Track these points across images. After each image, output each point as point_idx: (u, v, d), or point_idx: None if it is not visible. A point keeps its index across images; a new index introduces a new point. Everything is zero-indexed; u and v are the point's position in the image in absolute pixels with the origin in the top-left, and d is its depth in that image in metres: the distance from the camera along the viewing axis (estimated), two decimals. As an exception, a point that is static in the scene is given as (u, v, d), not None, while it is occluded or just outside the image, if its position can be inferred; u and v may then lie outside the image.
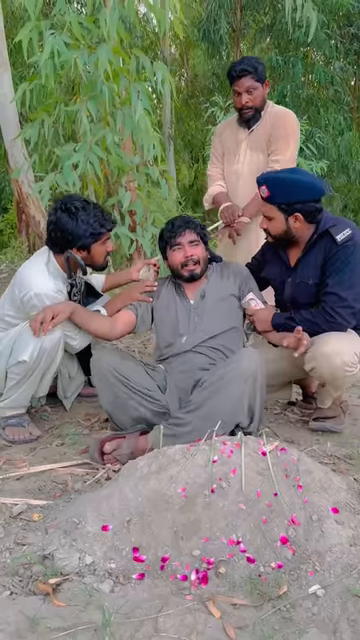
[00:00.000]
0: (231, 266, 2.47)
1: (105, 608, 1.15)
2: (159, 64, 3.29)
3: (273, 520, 1.46)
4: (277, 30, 9.30)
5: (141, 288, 2.42)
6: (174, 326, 2.29)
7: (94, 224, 2.23)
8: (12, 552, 1.43)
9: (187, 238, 2.28)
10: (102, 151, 3.36)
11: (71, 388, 2.65)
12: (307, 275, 2.26)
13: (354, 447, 2.25)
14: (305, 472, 1.61)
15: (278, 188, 2.16)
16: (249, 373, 1.93)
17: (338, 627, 1.20)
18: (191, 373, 2.15)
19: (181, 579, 1.34)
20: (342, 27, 9.24)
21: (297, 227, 2.21)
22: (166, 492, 1.48)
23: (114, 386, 2.04)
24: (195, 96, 12.17)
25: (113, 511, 1.47)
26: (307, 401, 2.77)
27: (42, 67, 3.12)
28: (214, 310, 2.29)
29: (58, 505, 1.67)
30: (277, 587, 1.32)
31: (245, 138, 2.90)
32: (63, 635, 1.11)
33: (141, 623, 1.16)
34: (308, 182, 2.17)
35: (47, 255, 2.33)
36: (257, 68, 2.75)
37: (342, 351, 2.13)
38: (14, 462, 2.07)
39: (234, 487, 1.50)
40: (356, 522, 1.54)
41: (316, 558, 1.40)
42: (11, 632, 1.11)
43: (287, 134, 2.78)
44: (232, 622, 1.19)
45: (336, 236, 2.14)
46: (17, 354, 2.18)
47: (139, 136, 3.34)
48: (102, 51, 3.07)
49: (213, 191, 3.00)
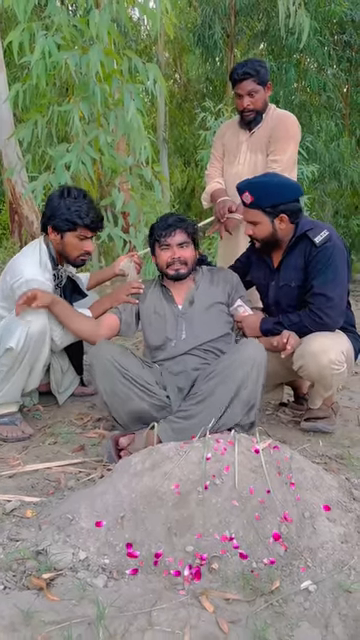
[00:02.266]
0: (221, 272, 2.44)
1: (99, 602, 1.16)
2: (151, 65, 3.31)
3: (266, 517, 1.47)
4: (271, 36, 9.37)
5: (127, 289, 2.38)
6: (162, 331, 2.25)
7: (73, 212, 2.27)
8: (5, 548, 1.43)
9: (177, 239, 2.24)
10: (95, 152, 3.37)
11: (64, 382, 2.65)
12: (289, 277, 2.29)
13: (345, 447, 2.27)
14: (297, 470, 1.63)
15: (261, 192, 2.20)
16: (254, 360, 1.96)
17: (330, 622, 1.21)
18: (186, 373, 2.15)
19: (174, 574, 1.35)
20: (335, 34, 9.34)
21: (282, 228, 2.26)
22: (159, 489, 1.49)
23: (113, 376, 2.00)
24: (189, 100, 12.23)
25: (107, 507, 1.48)
26: (299, 402, 2.78)
27: (33, 68, 3.13)
28: (203, 317, 2.26)
29: (51, 502, 1.68)
30: (269, 582, 1.33)
31: (246, 140, 2.91)
32: (57, 629, 1.11)
33: (135, 617, 1.17)
34: (287, 183, 2.24)
35: (38, 246, 2.38)
36: (259, 71, 2.77)
37: (329, 349, 2.15)
38: (7, 460, 2.07)
39: (227, 484, 1.51)
40: (347, 520, 1.56)
41: (308, 554, 1.42)
42: (5, 625, 1.11)
43: (287, 136, 2.80)
44: (225, 616, 1.20)
45: (314, 238, 2.18)
46: (4, 343, 2.19)
47: (131, 137, 3.35)
48: (93, 52, 3.08)
49: (211, 188, 3.01)
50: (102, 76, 3.25)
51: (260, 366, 1.98)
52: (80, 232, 2.30)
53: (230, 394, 1.94)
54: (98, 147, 3.44)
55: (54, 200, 2.30)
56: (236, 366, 1.96)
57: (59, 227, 2.29)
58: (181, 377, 2.13)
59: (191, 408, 1.98)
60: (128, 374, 2.01)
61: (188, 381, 2.13)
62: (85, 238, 2.33)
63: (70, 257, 2.37)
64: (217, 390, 1.95)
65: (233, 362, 1.98)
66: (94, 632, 1.11)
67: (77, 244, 2.32)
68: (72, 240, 2.31)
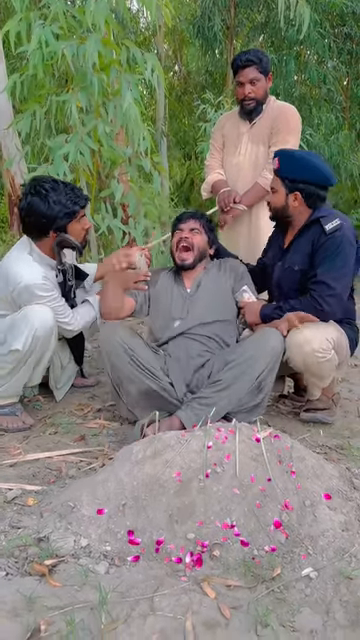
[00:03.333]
0: (229, 261, 2.53)
1: (102, 587, 1.16)
2: (149, 55, 3.29)
3: (267, 505, 1.47)
4: (271, 28, 9.32)
5: (135, 277, 2.42)
6: (167, 311, 2.34)
7: (67, 203, 2.20)
8: (7, 535, 1.43)
9: (189, 225, 2.41)
10: (94, 142, 3.35)
11: (62, 379, 2.65)
12: (294, 261, 2.30)
13: (345, 438, 2.27)
14: (298, 459, 1.63)
15: (287, 162, 2.23)
16: (275, 351, 2.08)
17: (331, 607, 1.22)
18: (188, 360, 2.18)
19: (176, 561, 1.35)
20: (335, 27, 9.28)
21: (294, 206, 2.26)
22: (161, 476, 1.49)
23: (122, 359, 2.07)
24: (188, 93, 12.16)
25: (108, 495, 1.48)
26: (299, 394, 2.78)
27: (30, 58, 3.11)
28: (208, 299, 2.34)
29: (53, 490, 1.68)
30: (271, 569, 1.33)
31: (247, 131, 2.89)
32: (60, 613, 1.11)
33: (137, 602, 1.17)
34: (318, 166, 2.21)
35: (28, 244, 2.28)
36: (262, 59, 2.76)
37: (312, 339, 2.15)
38: (7, 450, 2.06)
39: (228, 472, 1.51)
40: (348, 508, 1.56)
41: (309, 542, 1.42)
42: (8, 610, 1.11)
43: (289, 127, 2.79)
44: (227, 602, 1.21)
45: (325, 226, 2.18)
46: (10, 343, 2.18)
47: (129, 127, 3.34)
48: (91, 42, 3.06)
49: (212, 179, 2.99)
50: (100, 66, 3.24)
51: (278, 356, 2.11)
52: (78, 215, 2.28)
53: (250, 384, 2.05)
54: (97, 138, 3.43)
55: (39, 207, 2.16)
56: (258, 357, 2.06)
57: (62, 226, 2.23)
58: (183, 363, 2.15)
59: (213, 395, 2.03)
60: (135, 356, 2.07)
61: (190, 368, 2.15)
62: (82, 217, 2.32)
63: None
64: (239, 380, 2.04)
65: (256, 352, 2.06)
66: (96, 617, 1.11)
67: (79, 227, 2.31)
68: (75, 227, 2.28)
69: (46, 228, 2.21)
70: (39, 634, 1.05)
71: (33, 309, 2.17)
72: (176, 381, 2.12)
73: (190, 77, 12.52)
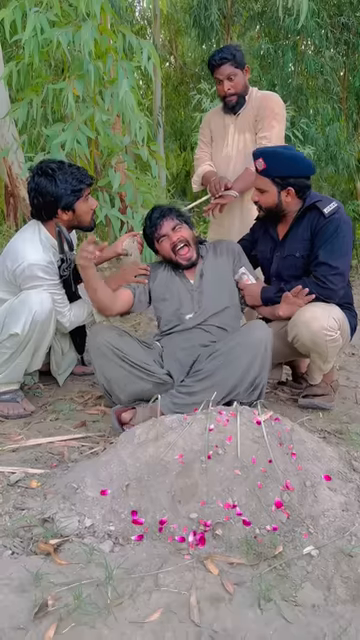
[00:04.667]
0: (223, 243, 2.50)
1: (108, 563, 1.18)
2: (145, 42, 3.28)
3: (268, 485, 1.49)
4: (267, 18, 9.26)
5: (134, 271, 2.41)
6: (176, 306, 2.30)
7: (72, 181, 2.26)
8: (12, 516, 1.45)
9: (168, 227, 2.29)
10: (91, 131, 3.34)
11: (64, 364, 2.66)
12: (295, 248, 2.31)
13: (343, 423, 2.29)
14: (298, 441, 1.65)
15: (274, 161, 2.22)
16: (260, 344, 1.99)
17: (332, 583, 1.24)
18: (191, 350, 2.18)
19: (179, 540, 1.37)
20: (332, 16, 9.21)
21: (288, 201, 2.28)
22: (164, 458, 1.51)
23: (112, 361, 2.05)
24: (185, 83, 12.10)
25: (112, 476, 1.50)
26: (297, 381, 2.80)
27: (25, 45, 3.09)
28: (214, 288, 2.32)
29: (56, 473, 1.69)
30: (272, 548, 1.35)
31: (232, 122, 2.92)
32: (66, 589, 1.13)
33: (142, 579, 1.19)
34: (302, 159, 2.25)
35: (37, 227, 2.33)
36: (235, 55, 2.78)
37: (320, 316, 2.17)
38: (9, 435, 2.08)
39: (230, 454, 1.53)
40: (347, 489, 1.59)
41: (310, 521, 1.44)
42: (15, 587, 1.13)
43: (273, 112, 2.81)
44: (230, 579, 1.23)
45: (323, 209, 2.22)
46: (9, 327, 2.19)
47: (127, 115, 3.33)
48: (86, 29, 3.05)
49: (202, 170, 3.00)
50: (96, 54, 3.22)
51: (266, 350, 2.02)
52: (84, 194, 2.30)
53: (234, 379, 1.98)
54: (94, 126, 3.41)
55: (46, 186, 2.23)
56: (242, 351, 1.99)
57: (69, 204, 2.27)
58: (185, 353, 2.16)
59: (194, 385, 2.02)
60: (127, 357, 2.06)
61: (191, 357, 2.15)
62: (88, 196, 2.34)
63: (85, 223, 2.37)
64: (220, 372, 1.99)
65: (239, 345, 2.01)
66: (102, 593, 1.13)
67: (86, 207, 2.33)
68: (82, 206, 2.31)
69: (54, 207, 2.26)
70: (46, 608, 1.07)
71: (31, 293, 2.19)
72: (174, 370, 2.12)
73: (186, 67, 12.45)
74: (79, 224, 2.37)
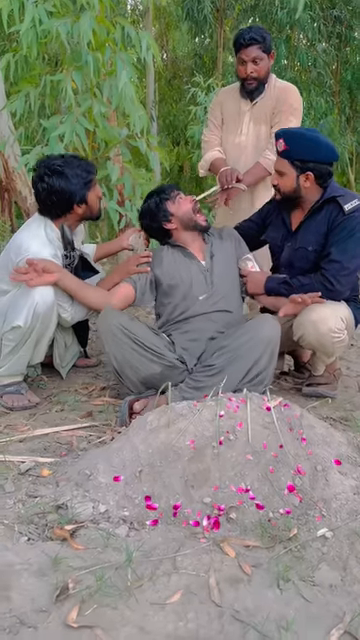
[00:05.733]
0: (224, 229, 2.50)
1: (128, 546, 1.18)
2: (144, 33, 3.26)
3: (280, 470, 1.50)
4: (260, 11, 9.27)
5: (136, 260, 2.37)
6: (188, 288, 2.26)
7: (82, 173, 2.26)
8: (25, 503, 1.45)
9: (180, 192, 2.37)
10: (89, 123, 3.33)
11: (67, 357, 2.65)
12: (308, 241, 2.27)
13: (347, 411, 2.31)
14: (308, 427, 1.66)
15: (296, 143, 2.15)
16: (270, 342, 2.00)
17: (348, 564, 1.25)
18: (199, 342, 2.17)
19: (193, 525, 1.38)
20: (325, 9, 9.24)
21: (307, 187, 2.21)
22: (175, 444, 1.51)
23: (124, 343, 2.03)
24: (177, 77, 12.09)
25: (124, 463, 1.50)
26: (299, 371, 2.81)
27: (23, 37, 3.06)
28: (224, 269, 2.32)
29: (67, 462, 1.69)
30: (287, 531, 1.36)
31: (248, 110, 2.86)
32: (86, 572, 1.13)
33: (160, 562, 1.20)
34: (326, 143, 2.18)
35: (43, 222, 2.31)
36: (265, 38, 2.71)
37: (328, 317, 2.16)
38: (15, 426, 2.07)
39: (241, 439, 1.54)
40: (358, 473, 1.60)
41: (322, 505, 1.45)
42: (35, 571, 1.13)
43: (292, 108, 2.77)
44: (247, 561, 1.24)
45: (344, 205, 2.16)
46: (11, 320, 2.18)
47: (126, 107, 3.31)
48: (85, 20, 3.03)
49: (211, 156, 2.93)
50: (94, 45, 3.20)
51: (275, 346, 2.03)
52: (93, 183, 2.31)
53: (242, 373, 1.99)
54: (92, 118, 3.40)
55: (59, 184, 2.21)
56: (251, 346, 2.00)
57: (83, 197, 2.27)
58: (193, 344, 2.16)
59: (203, 380, 2.02)
60: (138, 339, 2.03)
61: (198, 350, 2.15)
62: (95, 185, 2.35)
63: (95, 212, 2.37)
64: (230, 367, 1.99)
65: (249, 341, 2.01)
66: (122, 576, 1.14)
67: (95, 196, 2.34)
68: (92, 196, 2.32)
69: (70, 203, 2.26)
70: (67, 591, 1.07)
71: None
72: (186, 355, 2.12)
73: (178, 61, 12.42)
74: (91, 214, 2.37)
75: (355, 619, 1.06)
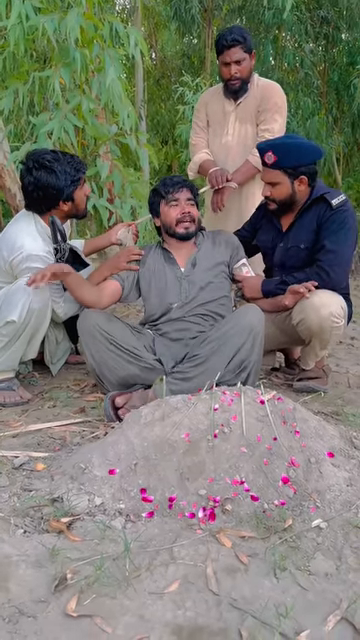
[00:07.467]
0: (223, 234, 2.46)
1: (125, 537, 1.18)
2: (132, 29, 3.25)
3: (274, 462, 1.51)
4: (248, 11, 9.30)
5: (126, 256, 2.36)
6: (162, 293, 2.26)
7: (71, 171, 2.25)
8: (20, 497, 1.44)
9: (185, 195, 2.28)
10: (78, 119, 3.32)
11: (58, 354, 2.65)
12: (299, 239, 2.33)
13: (338, 406, 2.32)
14: (301, 420, 1.67)
15: (284, 153, 2.22)
16: (252, 328, 2.01)
17: (342, 554, 1.27)
18: (182, 341, 2.19)
19: (189, 516, 1.38)
20: (312, 10, 9.28)
21: (301, 190, 2.29)
22: (170, 437, 1.52)
23: (101, 344, 2.05)
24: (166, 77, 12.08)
25: (119, 456, 1.50)
26: (290, 367, 2.83)
27: (10, 33, 3.05)
28: (205, 278, 2.28)
29: (61, 456, 1.69)
30: (282, 521, 1.37)
31: (233, 110, 2.88)
32: (83, 564, 1.13)
33: (157, 553, 1.20)
34: (309, 145, 2.28)
35: (32, 217, 2.31)
36: (246, 38, 2.74)
37: (329, 303, 2.20)
38: (8, 422, 2.06)
39: (235, 432, 1.55)
40: (350, 465, 1.62)
41: (316, 496, 1.47)
42: (32, 562, 1.13)
43: (277, 106, 2.79)
44: (243, 551, 1.24)
45: (332, 201, 2.24)
46: (5, 315, 2.17)
47: (114, 103, 3.30)
48: (72, 16, 3.02)
49: (200, 159, 2.95)
50: (82, 41, 3.19)
51: (257, 333, 2.03)
52: (82, 182, 2.30)
53: (226, 360, 2.00)
54: (81, 115, 3.38)
55: (47, 179, 2.20)
56: (233, 333, 2.01)
57: (70, 194, 2.27)
58: (176, 344, 2.17)
59: (189, 370, 2.03)
60: (115, 340, 2.06)
61: (182, 350, 2.16)
62: (84, 183, 2.34)
63: (81, 210, 2.38)
64: (214, 355, 2.00)
65: (231, 328, 2.02)
66: (120, 566, 1.14)
67: (82, 194, 2.34)
68: (79, 194, 2.32)
69: (56, 199, 2.25)
70: (66, 582, 1.07)
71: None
72: (165, 357, 2.13)
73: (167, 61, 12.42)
74: (76, 212, 2.37)
75: (351, 606, 1.07)
